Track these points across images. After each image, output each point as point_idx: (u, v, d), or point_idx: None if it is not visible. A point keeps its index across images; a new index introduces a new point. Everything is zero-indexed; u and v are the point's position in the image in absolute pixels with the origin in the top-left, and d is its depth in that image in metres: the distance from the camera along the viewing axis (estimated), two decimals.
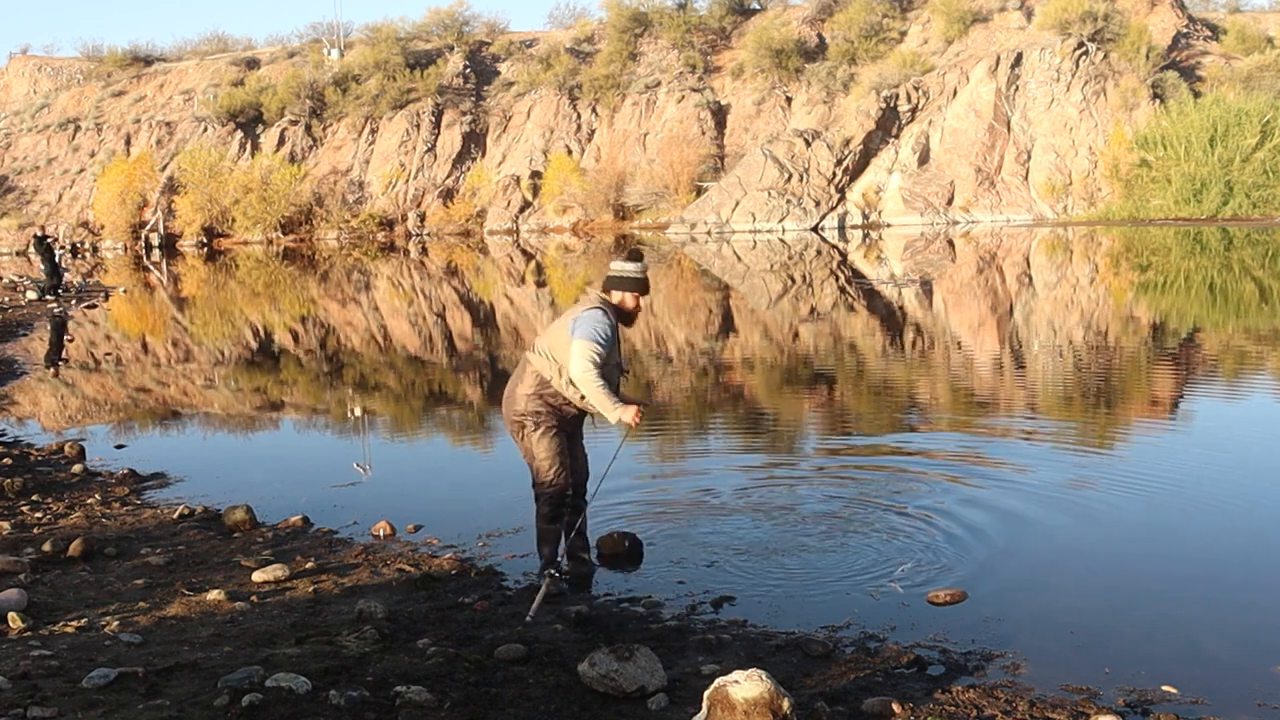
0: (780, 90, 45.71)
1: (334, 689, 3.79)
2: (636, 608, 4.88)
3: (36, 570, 5.38)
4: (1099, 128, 39.40)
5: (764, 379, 11.89)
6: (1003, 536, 5.69)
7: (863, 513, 6.17)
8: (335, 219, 46.19)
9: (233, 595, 4.95)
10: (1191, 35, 45.14)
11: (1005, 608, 4.72)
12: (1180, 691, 3.85)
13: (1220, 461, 7.09)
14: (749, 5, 51.01)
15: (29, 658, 4.14)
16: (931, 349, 13.46)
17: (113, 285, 27.09)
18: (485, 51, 52.62)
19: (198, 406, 11.35)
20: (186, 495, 7.11)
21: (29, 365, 13.99)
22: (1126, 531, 5.77)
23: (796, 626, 4.56)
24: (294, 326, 18.63)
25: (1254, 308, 16.14)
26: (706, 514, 6.27)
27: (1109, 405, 9.68)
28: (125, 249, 45.43)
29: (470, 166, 48.31)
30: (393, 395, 12.10)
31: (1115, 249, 28.63)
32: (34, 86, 58.88)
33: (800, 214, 39.53)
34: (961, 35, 44.04)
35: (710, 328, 16.29)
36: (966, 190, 39.71)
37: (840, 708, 3.72)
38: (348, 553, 5.73)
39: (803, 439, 8.75)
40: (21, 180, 51.58)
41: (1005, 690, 3.88)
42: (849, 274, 24.53)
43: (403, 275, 29.28)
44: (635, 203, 44.19)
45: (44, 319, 19.56)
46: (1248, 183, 35.74)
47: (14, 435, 9.42)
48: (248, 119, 50.22)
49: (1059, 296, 18.58)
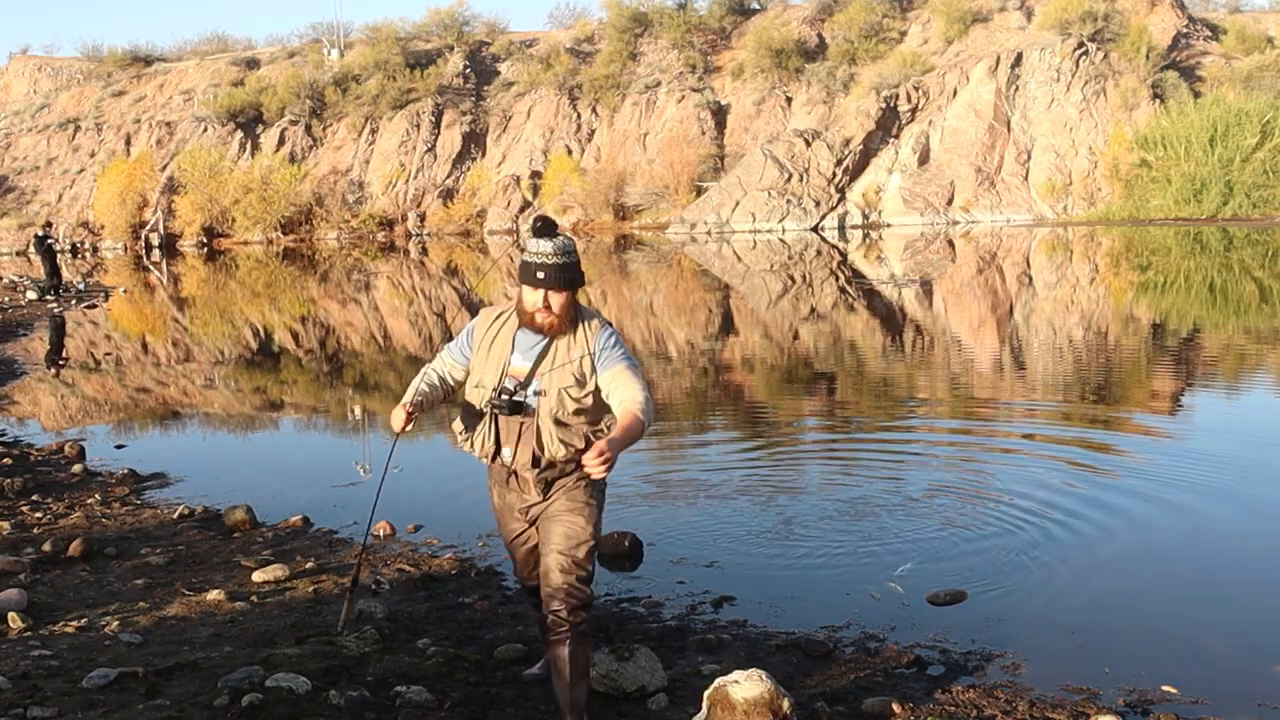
0: (780, 90, 45.70)
1: (334, 689, 3.79)
2: (636, 608, 4.88)
3: (36, 570, 5.38)
4: (1099, 128, 39.39)
5: (764, 378, 11.89)
6: (1003, 536, 5.69)
7: (863, 513, 6.17)
8: (335, 219, 46.19)
9: (233, 595, 4.95)
10: (1191, 35, 45.12)
11: (1005, 608, 4.72)
12: (1180, 691, 3.85)
13: (1219, 461, 7.09)
14: (749, 5, 50.99)
15: (29, 658, 4.14)
16: (931, 349, 13.46)
17: (113, 285, 27.08)
18: (485, 51, 52.61)
19: (198, 406, 11.34)
20: (186, 495, 7.11)
21: (29, 365, 13.99)
22: (1126, 531, 5.77)
23: (796, 626, 4.56)
24: (294, 327, 18.63)
25: (1253, 308, 16.14)
26: (707, 514, 6.27)
27: (1106, 405, 9.67)
28: (125, 249, 45.41)
29: (470, 166, 48.29)
30: (393, 395, 12.09)
31: (1115, 249, 28.63)
32: (34, 86, 58.85)
33: (800, 214, 39.52)
34: (961, 35, 44.03)
35: (710, 327, 16.28)
36: (966, 190, 39.70)
37: (840, 708, 3.72)
38: (348, 553, 5.73)
39: (803, 439, 8.74)
40: (21, 180, 51.56)
41: (1005, 690, 3.88)
42: (849, 274, 24.52)
43: (403, 275, 29.27)
44: (635, 203, 44.18)
45: (44, 319, 19.56)
46: (1248, 183, 35.73)
47: (14, 435, 9.42)
48: (248, 119, 50.20)
49: (1059, 296, 18.58)
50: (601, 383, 3.48)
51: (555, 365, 3.49)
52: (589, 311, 3.63)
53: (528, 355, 3.51)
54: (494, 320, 3.62)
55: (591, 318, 3.58)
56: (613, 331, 3.57)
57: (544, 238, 3.49)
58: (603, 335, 3.51)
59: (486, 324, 3.63)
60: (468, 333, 3.68)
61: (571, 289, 3.49)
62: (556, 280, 3.43)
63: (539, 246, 3.47)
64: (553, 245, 3.47)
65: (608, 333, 3.54)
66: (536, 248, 3.47)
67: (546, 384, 3.48)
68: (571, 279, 3.48)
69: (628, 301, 20.48)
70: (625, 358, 3.52)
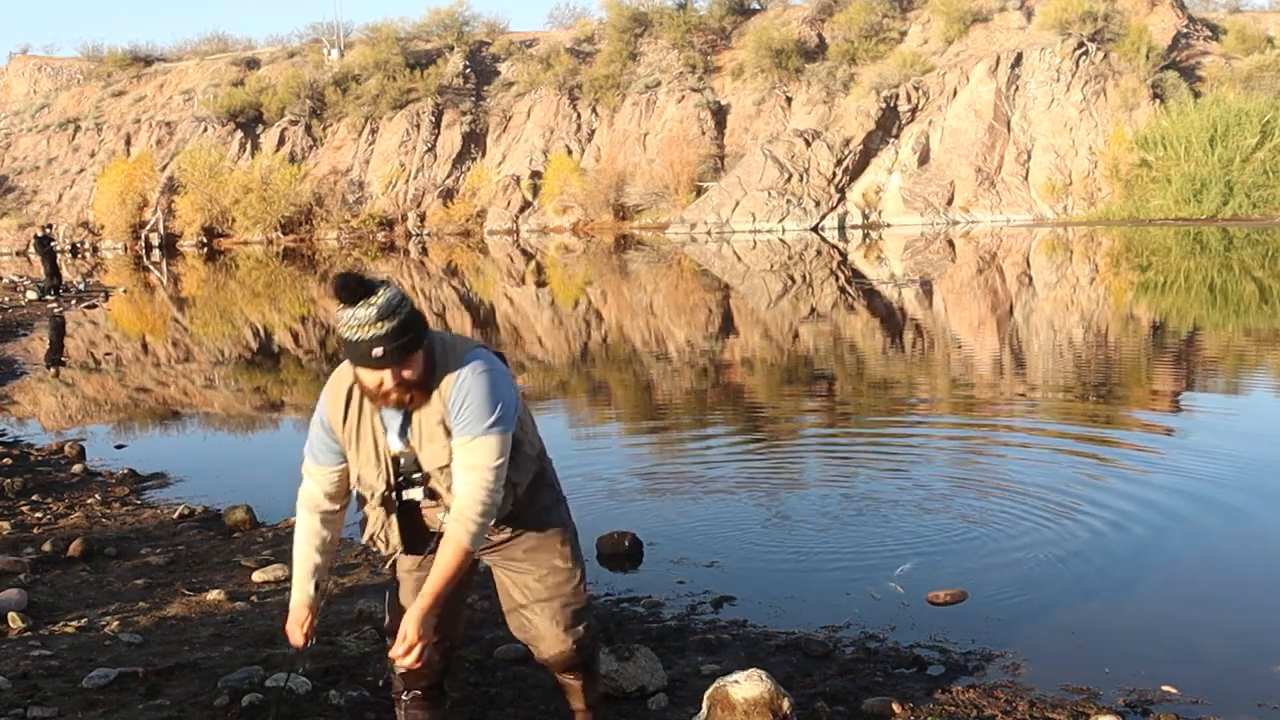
0: (780, 90, 45.70)
1: (334, 689, 3.79)
2: (636, 608, 4.88)
3: (36, 570, 5.38)
4: (1099, 128, 39.39)
5: (764, 378, 11.89)
6: (1003, 536, 5.69)
7: (863, 512, 6.17)
8: (335, 219, 46.20)
9: (233, 595, 4.95)
10: (1191, 35, 45.12)
11: (1005, 608, 4.72)
12: (1180, 691, 3.85)
13: (1220, 460, 7.08)
14: (749, 5, 51.00)
15: (29, 658, 4.14)
16: (931, 348, 13.46)
17: (113, 285, 27.08)
18: (485, 51, 52.61)
19: (198, 406, 11.34)
20: (186, 495, 7.11)
21: (29, 365, 13.99)
22: (1126, 531, 5.77)
23: (796, 626, 4.56)
24: (294, 326, 18.63)
25: (1253, 308, 16.14)
26: (707, 513, 6.27)
27: (1106, 405, 9.67)
28: (125, 249, 45.42)
29: (470, 166, 48.30)
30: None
31: (1115, 249, 28.63)
32: (34, 86, 58.85)
33: (800, 214, 39.52)
34: (961, 35, 44.03)
35: (710, 327, 16.28)
36: (966, 190, 39.70)
37: (840, 708, 3.72)
38: (347, 553, 5.73)
39: (803, 438, 8.74)
40: (21, 180, 51.57)
41: (1005, 690, 3.88)
42: (849, 274, 24.53)
43: (403, 275, 29.28)
44: (635, 203, 44.19)
45: (44, 319, 19.56)
46: (1248, 183, 35.73)
47: (14, 435, 9.42)
48: (248, 119, 50.20)
49: (1058, 297, 18.58)
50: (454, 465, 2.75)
51: (423, 441, 2.79)
52: (445, 346, 2.80)
53: (399, 430, 2.82)
54: (345, 403, 2.82)
55: (448, 358, 2.76)
56: (471, 372, 2.73)
57: (358, 304, 2.63)
58: (455, 388, 2.72)
59: (339, 410, 2.83)
60: (323, 428, 2.87)
61: (415, 349, 2.69)
62: (396, 353, 2.64)
63: (357, 317, 2.63)
64: (374, 310, 2.62)
65: (460, 378, 2.73)
66: (354, 319, 2.63)
67: (425, 464, 2.80)
68: (413, 339, 2.67)
69: (628, 301, 20.49)
70: (475, 420, 2.70)
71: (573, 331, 16.66)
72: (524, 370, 13.03)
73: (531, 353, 14.33)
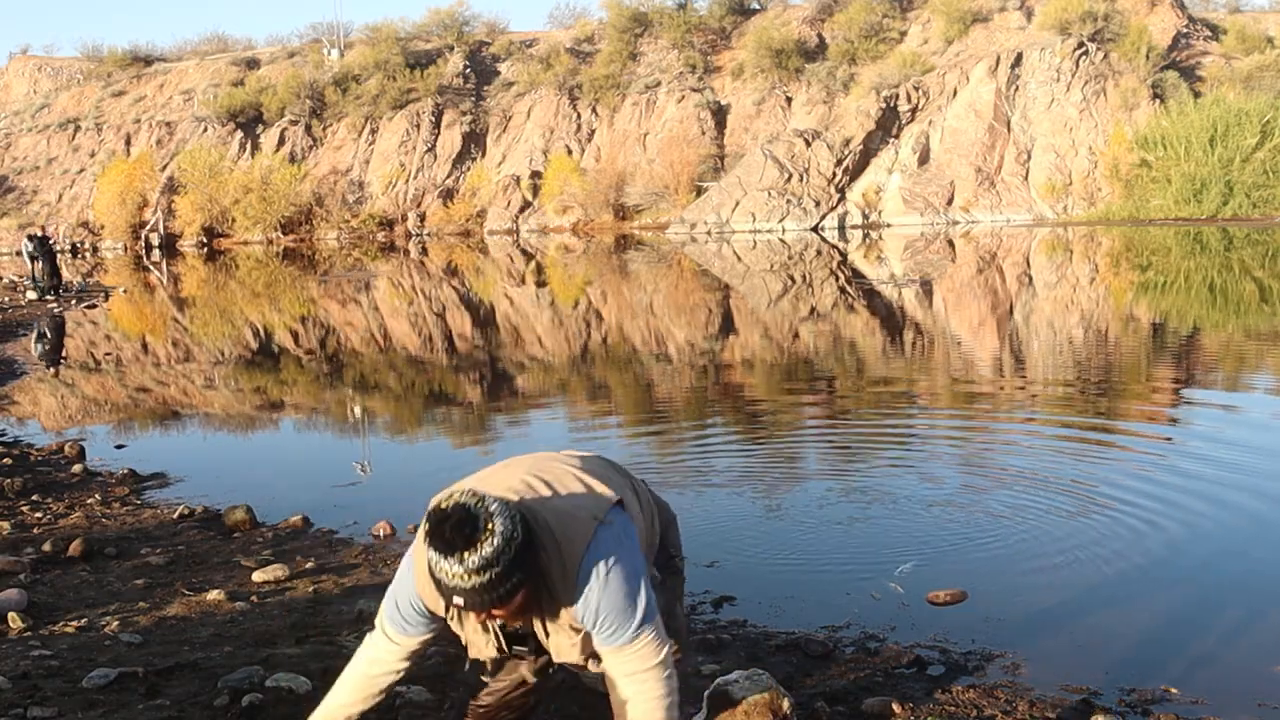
0: (780, 90, 45.70)
1: None
2: None
3: (36, 570, 5.38)
4: (1099, 128, 39.40)
5: (764, 378, 11.89)
6: (1004, 535, 5.69)
7: (863, 512, 6.17)
8: (335, 219, 46.20)
9: (233, 595, 4.95)
10: (1191, 35, 45.13)
11: (1005, 608, 4.72)
12: (1180, 691, 3.85)
13: (1220, 460, 7.09)
14: (749, 5, 51.01)
15: (29, 658, 4.13)
16: (931, 348, 13.46)
17: (112, 285, 27.08)
18: (485, 51, 52.62)
19: (198, 406, 11.34)
20: (186, 495, 7.10)
21: (29, 365, 14.00)
22: (1126, 531, 5.77)
23: (796, 626, 4.55)
24: (294, 326, 18.63)
25: (1253, 308, 16.14)
26: (707, 513, 6.27)
27: (1106, 404, 9.67)
28: (125, 249, 45.42)
29: (470, 166, 48.30)
30: (393, 395, 12.09)
31: (1115, 249, 28.63)
32: (34, 86, 58.87)
33: (800, 214, 39.52)
34: (961, 35, 44.04)
35: (710, 327, 16.28)
36: (966, 190, 39.70)
37: (840, 708, 3.72)
38: (347, 553, 5.73)
39: (803, 438, 8.74)
40: (21, 180, 51.59)
41: (1005, 690, 3.87)
42: (849, 274, 24.52)
43: (403, 275, 29.27)
44: (635, 203, 44.19)
45: (44, 319, 19.56)
46: (1248, 183, 35.73)
47: (14, 435, 9.42)
48: (248, 119, 50.21)
49: (1058, 296, 18.58)
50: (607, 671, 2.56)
51: (548, 631, 2.59)
52: (557, 543, 2.47)
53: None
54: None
55: (565, 562, 2.46)
56: (596, 580, 2.45)
57: (451, 556, 2.34)
58: (582, 604, 2.47)
59: (440, 604, 2.59)
60: (415, 610, 2.62)
61: (512, 598, 2.41)
62: (480, 604, 2.39)
63: (444, 566, 2.36)
64: (469, 566, 2.33)
65: (587, 593, 2.45)
66: (440, 566, 2.37)
67: (555, 655, 2.63)
68: (510, 590, 2.38)
69: (627, 301, 20.49)
70: (620, 630, 2.47)
71: (573, 331, 16.66)
72: (524, 370, 13.03)
73: (532, 352, 14.33)
